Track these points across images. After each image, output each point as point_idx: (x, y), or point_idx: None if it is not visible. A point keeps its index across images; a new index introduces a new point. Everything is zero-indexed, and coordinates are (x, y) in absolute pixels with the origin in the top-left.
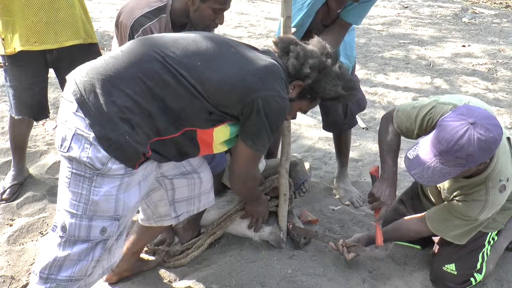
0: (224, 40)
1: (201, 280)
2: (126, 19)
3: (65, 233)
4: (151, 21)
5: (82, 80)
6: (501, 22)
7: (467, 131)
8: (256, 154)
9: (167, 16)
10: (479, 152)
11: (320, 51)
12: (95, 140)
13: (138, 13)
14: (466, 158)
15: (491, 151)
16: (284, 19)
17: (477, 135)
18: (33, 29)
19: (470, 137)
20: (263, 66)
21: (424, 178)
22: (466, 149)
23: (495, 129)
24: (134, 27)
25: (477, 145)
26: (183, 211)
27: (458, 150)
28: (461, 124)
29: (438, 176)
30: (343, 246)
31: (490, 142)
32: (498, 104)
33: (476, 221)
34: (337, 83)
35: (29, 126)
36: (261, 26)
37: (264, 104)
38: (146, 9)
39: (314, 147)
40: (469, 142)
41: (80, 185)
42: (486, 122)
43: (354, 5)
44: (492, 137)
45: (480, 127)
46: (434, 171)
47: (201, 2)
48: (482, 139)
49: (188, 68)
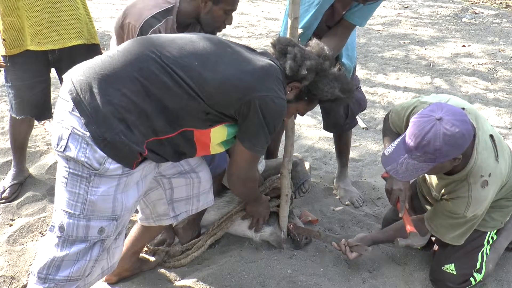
0: (221, 40)
1: (201, 280)
2: (134, 20)
3: (63, 233)
4: (159, 22)
5: (78, 79)
6: (501, 22)
7: (433, 127)
8: (254, 155)
9: (174, 18)
10: (446, 147)
11: (318, 53)
12: (91, 139)
13: (148, 14)
14: (434, 153)
15: (458, 146)
16: (291, 20)
17: (443, 130)
18: (36, 29)
19: (436, 132)
20: (260, 67)
21: (399, 173)
22: (432, 144)
23: (462, 124)
24: (143, 28)
25: (442, 140)
26: (181, 211)
27: (425, 145)
28: (428, 119)
29: (411, 171)
30: (346, 245)
31: (456, 137)
32: (498, 104)
33: (465, 218)
34: (335, 85)
35: (29, 126)
36: (261, 26)
37: (261, 104)
38: (155, 10)
39: (314, 147)
40: (435, 137)
41: (78, 185)
42: (453, 118)
43: (359, 6)
44: (458, 132)
45: (446, 122)
46: (407, 167)
47: (214, 5)
48: (447, 134)
49: (185, 68)
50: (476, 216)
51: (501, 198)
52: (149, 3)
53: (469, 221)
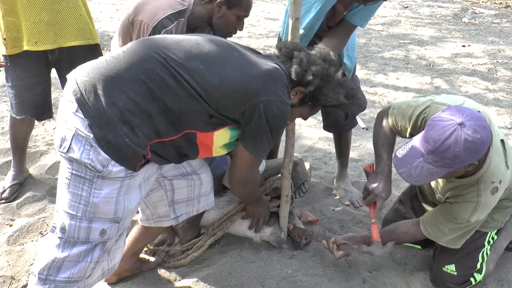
0: (226, 43)
1: (201, 280)
2: (148, 18)
3: (64, 234)
4: (172, 24)
5: (83, 80)
6: (501, 22)
7: (454, 132)
8: (256, 159)
9: (185, 20)
10: (466, 153)
11: (323, 58)
12: (95, 141)
13: (162, 14)
14: (452, 158)
15: (477, 152)
16: (293, 21)
17: (464, 136)
18: (34, 29)
19: (457, 138)
20: (266, 71)
21: (412, 177)
22: (452, 149)
23: (483, 130)
24: (157, 28)
25: (463, 146)
26: (182, 212)
27: (444, 150)
28: (449, 124)
29: (426, 175)
30: (333, 243)
31: (477, 143)
32: (498, 104)
33: (468, 223)
34: (339, 91)
35: (29, 126)
36: (261, 26)
37: (265, 108)
38: (169, 11)
39: (314, 147)
40: (456, 143)
41: (80, 186)
42: (474, 123)
43: (360, 7)
44: (479, 139)
45: (468, 128)
46: (421, 171)
47: (227, 10)
48: (469, 140)
49: (190, 71)
50: (478, 222)
51: (503, 199)
52: (162, 3)
53: (470, 226)
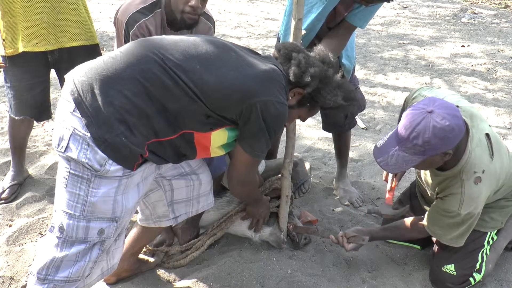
0: (224, 44)
1: (200, 280)
2: (121, 15)
3: (62, 234)
4: (146, 17)
5: (80, 80)
6: (500, 22)
7: (423, 119)
8: (255, 160)
9: (162, 10)
10: (435, 139)
11: (322, 59)
12: (92, 140)
13: (133, 9)
14: (423, 145)
15: (448, 140)
16: (295, 21)
17: (433, 123)
18: (35, 30)
19: (426, 125)
20: (263, 71)
21: (389, 165)
22: (422, 136)
23: (452, 118)
24: (129, 23)
25: (432, 133)
26: (181, 212)
27: (415, 137)
28: (420, 112)
29: (401, 163)
30: (343, 237)
31: (446, 130)
32: (497, 104)
33: (459, 215)
34: (338, 93)
35: (29, 127)
36: (261, 26)
37: (262, 109)
38: (141, 5)
39: (314, 147)
40: (425, 130)
41: (78, 186)
42: (444, 111)
43: (361, 8)
44: (447, 126)
45: (437, 115)
46: (397, 159)
47: None
48: (437, 126)
49: (187, 71)
50: (472, 215)
51: (501, 198)
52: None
53: (466, 221)
